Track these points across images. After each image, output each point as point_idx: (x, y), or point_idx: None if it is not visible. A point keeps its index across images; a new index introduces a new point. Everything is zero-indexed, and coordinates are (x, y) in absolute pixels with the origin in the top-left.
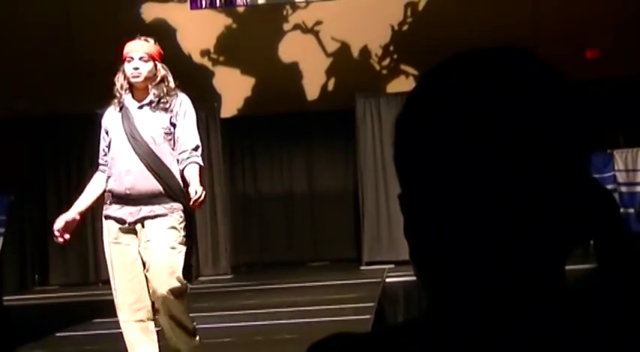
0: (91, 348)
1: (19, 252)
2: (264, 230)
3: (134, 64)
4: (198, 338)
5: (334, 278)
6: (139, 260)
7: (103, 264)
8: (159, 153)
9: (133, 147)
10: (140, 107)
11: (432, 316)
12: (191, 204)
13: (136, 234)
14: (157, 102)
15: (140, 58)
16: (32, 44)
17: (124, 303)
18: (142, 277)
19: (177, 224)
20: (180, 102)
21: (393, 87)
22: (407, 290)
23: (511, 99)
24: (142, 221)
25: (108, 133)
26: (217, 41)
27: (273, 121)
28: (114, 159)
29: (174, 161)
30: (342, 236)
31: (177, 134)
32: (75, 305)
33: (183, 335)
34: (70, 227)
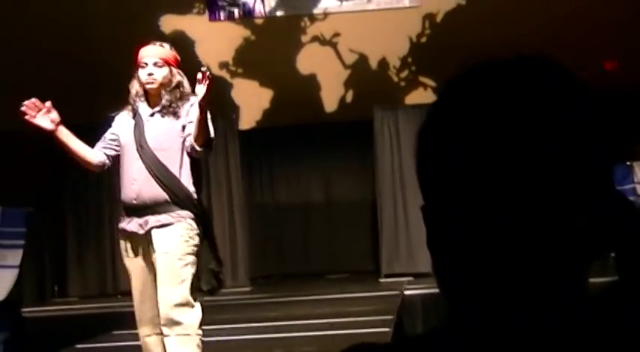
0: None
1: (38, 264)
2: (282, 242)
3: (148, 70)
4: None
5: (353, 290)
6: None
7: (121, 276)
8: (165, 160)
9: (140, 156)
10: (152, 114)
11: (454, 327)
12: (200, 83)
13: (148, 245)
14: (168, 107)
15: (154, 64)
16: (50, 57)
17: (144, 317)
18: None
19: (185, 233)
20: (192, 104)
21: (411, 99)
22: (426, 302)
23: (535, 110)
24: (151, 231)
25: (119, 138)
26: (235, 53)
27: (291, 133)
28: (123, 169)
29: (185, 168)
30: (360, 248)
31: (187, 129)
32: (94, 317)
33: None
34: (40, 110)
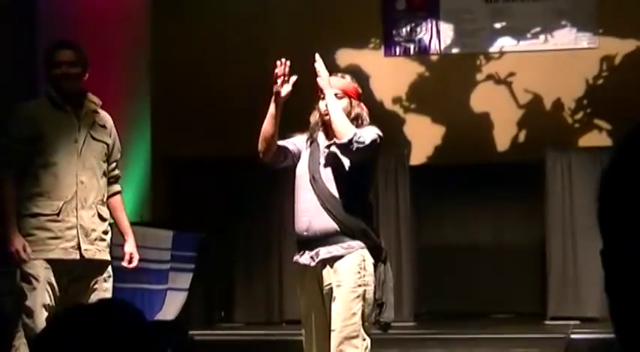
0: None
1: (207, 289)
2: (448, 280)
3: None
4: None
5: (517, 331)
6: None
7: (287, 304)
8: (337, 192)
9: (312, 188)
10: (328, 146)
11: None
12: None
13: (320, 277)
14: None
15: (335, 95)
16: (227, 87)
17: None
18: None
19: (357, 264)
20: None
21: (585, 141)
22: (592, 348)
23: None
24: (322, 263)
25: (295, 153)
26: (409, 88)
27: (462, 171)
28: (296, 200)
29: (357, 199)
30: (527, 289)
31: None
32: (259, 344)
33: None
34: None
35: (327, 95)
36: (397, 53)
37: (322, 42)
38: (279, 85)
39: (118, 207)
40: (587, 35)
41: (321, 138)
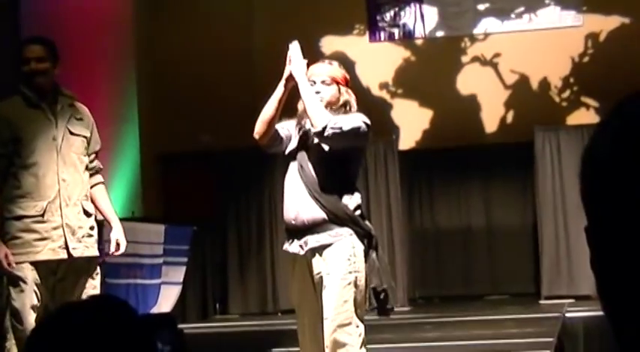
0: None
1: (201, 282)
2: (441, 263)
3: (316, 88)
4: None
5: (512, 312)
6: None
7: (281, 294)
8: (324, 180)
9: (300, 176)
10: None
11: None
12: None
13: (310, 266)
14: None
15: (322, 82)
16: (215, 79)
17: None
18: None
19: (346, 251)
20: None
21: (573, 119)
22: (587, 325)
23: None
24: (311, 252)
25: (285, 138)
26: (395, 74)
27: (451, 154)
28: (285, 189)
29: (345, 185)
30: (520, 269)
31: None
32: (254, 334)
33: None
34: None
35: (299, 83)
36: (382, 39)
37: (307, 29)
38: (294, 66)
39: (101, 196)
40: (571, 13)
41: (309, 126)
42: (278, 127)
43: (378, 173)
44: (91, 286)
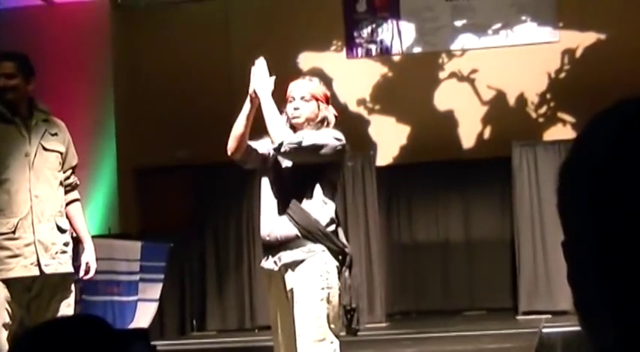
0: None
1: (178, 298)
2: (420, 278)
3: (295, 104)
4: None
5: (490, 327)
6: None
7: (259, 310)
8: (297, 196)
9: (273, 193)
10: None
11: None
12: None
13: (284, 282)
14: None
15: (302, 98)
16: (192, 94)
17: None
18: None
19: (319, 268)
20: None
21: (550, 135)
22: (565, 340)
23: None
24: (284, 268)
25: (263, 156)
26: (373, 90)
27: (429, 169)
28: (261, 205)
29: (318, 202)
30: (498, 285)
31: None
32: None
33: None
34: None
35: (261, 99)
36: (359, 55)
37: (285, 45)
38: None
39: (77, 214)
40: (547, 29)
41: None
42: (257, 144)
43: (355, 189)
44: (66, 304)
